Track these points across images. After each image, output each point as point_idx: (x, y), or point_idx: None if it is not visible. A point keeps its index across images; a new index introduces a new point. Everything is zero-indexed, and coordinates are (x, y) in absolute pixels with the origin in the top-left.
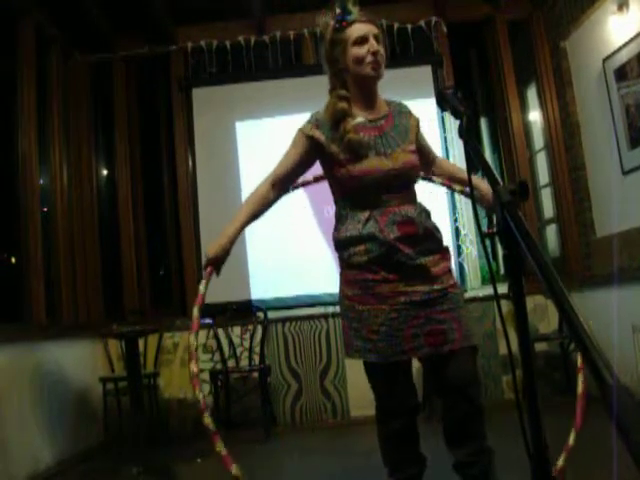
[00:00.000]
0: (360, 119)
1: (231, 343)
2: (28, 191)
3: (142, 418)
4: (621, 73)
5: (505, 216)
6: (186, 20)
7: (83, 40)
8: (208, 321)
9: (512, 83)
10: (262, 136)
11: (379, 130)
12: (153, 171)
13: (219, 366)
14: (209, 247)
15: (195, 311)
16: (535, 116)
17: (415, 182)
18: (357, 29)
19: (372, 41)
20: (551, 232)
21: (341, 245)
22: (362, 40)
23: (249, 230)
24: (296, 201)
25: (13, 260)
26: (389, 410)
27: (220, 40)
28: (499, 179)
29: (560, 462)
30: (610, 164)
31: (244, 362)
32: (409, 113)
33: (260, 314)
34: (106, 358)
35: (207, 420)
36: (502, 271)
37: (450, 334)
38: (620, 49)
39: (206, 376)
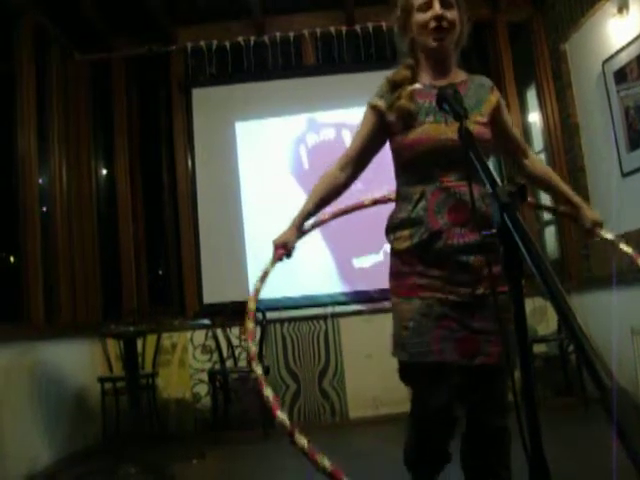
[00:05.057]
0: (418, 85)
1: (229, 343)
2: (27, 190)
3: (140, 418)
4: (620, 75)
5: (504, 218)
6: (186, 20)
7: (83, 40)
8: (206, 321)
9: (512, 85)
10: (262, 136)
11: None
12: (152, 171)
13: (217, 366)
14: (276, 237)
15: (249, 324)
16: (535, 118)
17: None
18: None
19: (436, 5)
20: (550, 234)
21: (390, 229)
22: (426, 6)
23: (248, 230)
24: (295, 201)
25: (12, 259)
26: (422, 419)
27: (220, 40)
28: (498, 180)
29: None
30: (609, 166)
31: (242, 363)
32: (491, 88)
33: (258, 314)
34: (104, 358)
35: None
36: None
37: (485, 346)
38: (620, 51)
39: (204, 376)
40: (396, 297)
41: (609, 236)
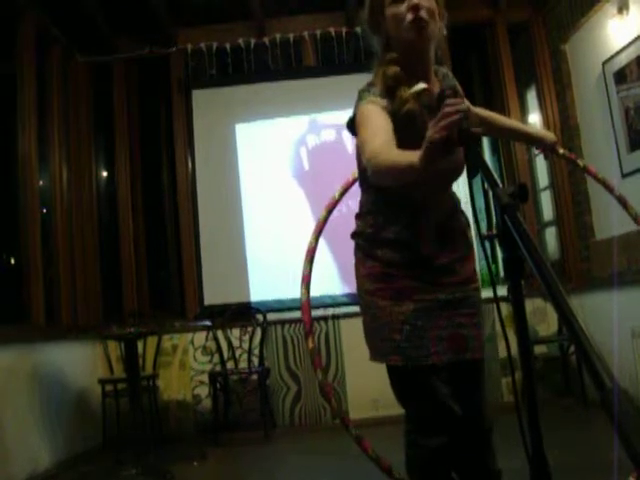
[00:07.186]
0: (422, 85)
1: (230, 345)
2: (28, 192)
3: (141, 420)
4: (620, 76)
5: (505, 218)
6: (186, 22)
7: (83, 41)
8: (207, 323)
9: (512, 85)
10: (262, 138)
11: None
12: (153, 173)
13: (218, 368)
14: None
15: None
16: (535, 118)
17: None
18: None
19: None
20: (550, 235)
21: (368, 238)
22: None
23: (248, 232)
24: (295, 202)
25: (12, 261)
26: (427, 421)
27: (220, 42)
28: (499, 181)
29: None
30: (609, 167)
31: (243, 364)
32: (452, 77)
33: (259, 316)
34: (105, 360)
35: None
36: (502, 274)
37: (470, 341)
38: (620, 52)
39: (205, 378)
40: (383, 300)
41: (562, 151)
